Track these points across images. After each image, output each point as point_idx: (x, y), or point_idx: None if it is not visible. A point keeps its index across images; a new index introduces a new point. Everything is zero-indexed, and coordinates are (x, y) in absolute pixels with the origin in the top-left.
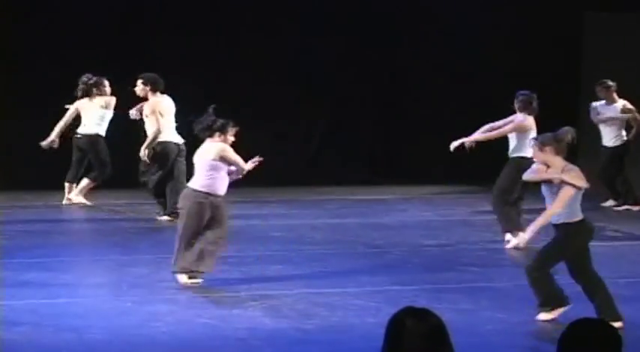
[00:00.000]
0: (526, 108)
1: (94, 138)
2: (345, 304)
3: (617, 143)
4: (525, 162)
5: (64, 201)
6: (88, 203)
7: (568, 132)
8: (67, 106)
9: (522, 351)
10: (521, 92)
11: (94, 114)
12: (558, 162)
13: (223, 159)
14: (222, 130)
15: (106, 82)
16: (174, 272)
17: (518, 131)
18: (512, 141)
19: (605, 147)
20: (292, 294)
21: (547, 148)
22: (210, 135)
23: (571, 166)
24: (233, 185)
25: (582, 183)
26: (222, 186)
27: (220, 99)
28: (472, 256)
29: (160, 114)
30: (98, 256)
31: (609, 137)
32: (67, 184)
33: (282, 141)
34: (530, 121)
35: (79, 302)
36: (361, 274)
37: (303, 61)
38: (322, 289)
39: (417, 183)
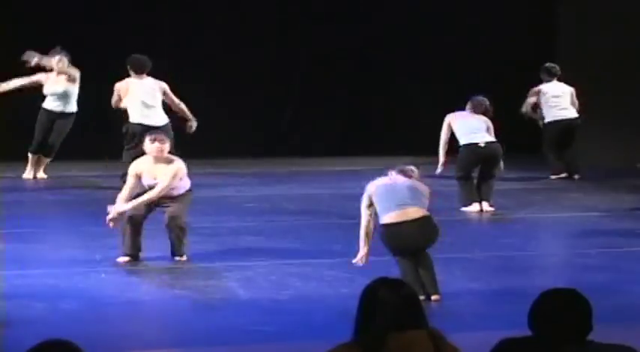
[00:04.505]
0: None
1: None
2: (319, 275)
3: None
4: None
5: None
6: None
7: None
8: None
9: (495, 321)
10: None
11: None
12: None
13: None
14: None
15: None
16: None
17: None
18: None
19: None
20: (266, 265)
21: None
22: None
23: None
24: (207, 156)
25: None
26: None
27: (191, 71)
28: (445, 227)
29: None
30: (72, 227)
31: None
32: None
33: (255, 112)
34: (455, 117)
35: (52, 273)
36: (335, 245)
37: (278, 34)
38: (296, 260)
39: (392, 154)
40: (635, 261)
